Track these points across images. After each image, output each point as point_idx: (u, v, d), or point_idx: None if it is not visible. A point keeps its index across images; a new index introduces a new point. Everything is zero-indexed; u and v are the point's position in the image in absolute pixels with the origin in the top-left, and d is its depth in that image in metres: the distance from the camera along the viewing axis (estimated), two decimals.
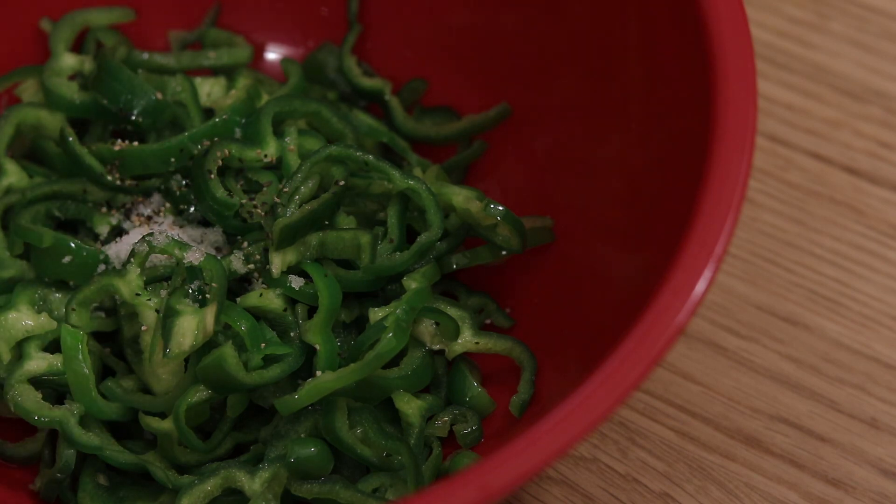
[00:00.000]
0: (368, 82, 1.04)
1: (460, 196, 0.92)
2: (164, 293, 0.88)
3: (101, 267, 0.91)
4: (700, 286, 0.73)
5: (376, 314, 0.90)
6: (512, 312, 0.96)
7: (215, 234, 0.93)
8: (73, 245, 0.91)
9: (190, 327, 0.86)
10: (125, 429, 0.91)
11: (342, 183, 0.91)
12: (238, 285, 0.92)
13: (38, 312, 0.90)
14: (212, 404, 0.89)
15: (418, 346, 0.91)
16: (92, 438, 0.86)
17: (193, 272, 0.88)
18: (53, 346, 0.90)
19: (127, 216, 0.94)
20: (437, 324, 0.91)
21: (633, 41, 0.92)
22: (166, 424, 0.86)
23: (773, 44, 1.17)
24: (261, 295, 0.89)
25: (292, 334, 0.89)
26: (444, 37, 1.04)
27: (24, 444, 0.91)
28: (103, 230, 0.94)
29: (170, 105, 0.98)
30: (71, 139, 0.95)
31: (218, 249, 0.93)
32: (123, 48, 1.01)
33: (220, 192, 0.91)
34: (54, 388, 0.89)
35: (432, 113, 1.04)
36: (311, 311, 0.90)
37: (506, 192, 1.00)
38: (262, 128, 0.94)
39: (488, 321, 0.96)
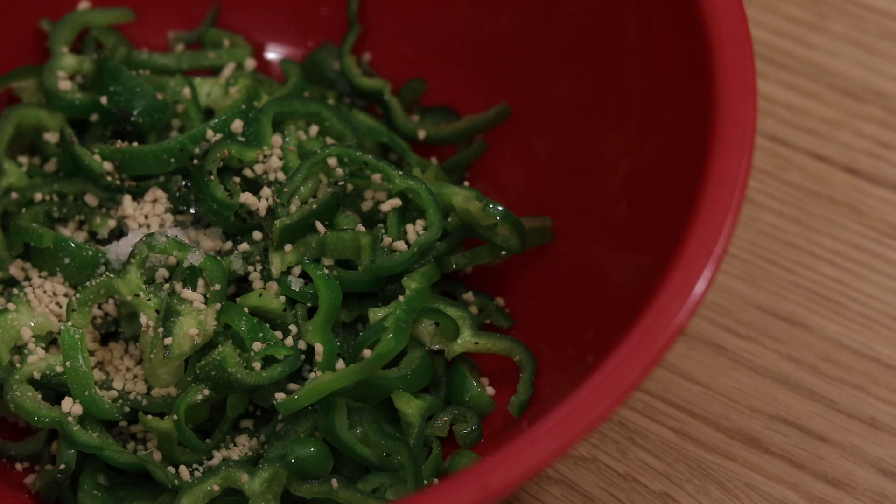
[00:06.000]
0: (368, 82, 1.04)
1: (460, 196, 0.93)
2: (164, 293, 0.88)
3: (101, 268, 0.91)
4: (700, 286, 0.73)
5: (376, 314, 0.90)
6: (512, 312, 0.96)
7: (215, 235, 0.93)
8: (73, 245, 0.91)
9: (190, 327, 0.86)
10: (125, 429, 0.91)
11: (342, 183, 0.91)
12: (238, 285, 0.92)
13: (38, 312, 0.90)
14: (212, 404, 0.89)
15: (418, 346, 0.91)
16: (92, 438, 0.86)
17: (194, 273, 0.88)
18: (53, 346, 0.90)
19: (127, 217, 0.94)
20: (436, 324, 0.91)
21: (633, 41, 0.92)
22: (166, 424, 0.86)
23: (773, 44, 1.17)
24: (261, 295, 0.89)
25: (292, 334, 0.89)
26: (444, 37, 1.04)
27: (25, 443, 0.91)
28: (103, 230, 0.94)
29: (170, 105, 0.98)
30: (72, 140, 0.95)
31: (218, 250, 0.93)
32: (123, 48, 1.01)
33: (220, 193, 0.91)
34: (54, 388, 0.89)
35: (432, 113, 1.04)
36: (311, 311, 0.90)
37: (505, 191, 1.00)
38: (262, 128, 0.94)
39: (488, 321, 0.96)
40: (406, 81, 1.05)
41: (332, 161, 0.91)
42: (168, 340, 0.86)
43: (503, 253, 0.94)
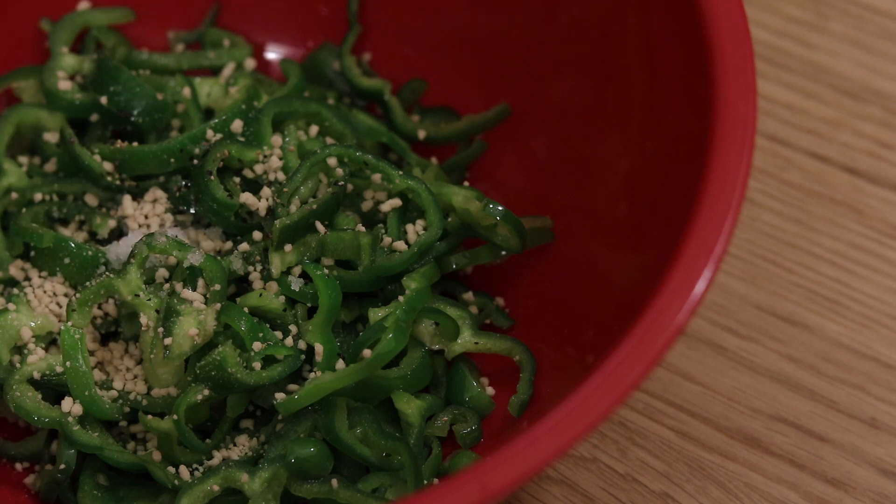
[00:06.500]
0: (368, 82, 1.04)
1: (460, 196, 0.93)
2: (164, 293, 0.88)
3: (101, 268, 0.91)
4: (700, 286, 0.73)
5: (376, 314, 0.90)
6: (512, 312, 0.96)
7: (215, 235, 0.93)
8: (73, 245, 0.91)
9: (190, 327, 0.86)
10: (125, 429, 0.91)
11: (342, 183, 0.91)
12: (238, 285, 0.92)
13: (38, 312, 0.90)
14: (212, 404, 0.89)
15: (418, 346, 0.91)
16: (92, 438, 0.86)
17: (194, 273, 0.88)
18: (53, 346, 0.90)
19: (126, 217, 0.94)
20: (436, 324, 0.91)
21: (633, 41, 0.92)
22: (166, 424, 0.86)
23: (773, 44, 1.17)
24: (261, 295, 0.89)
25: (292, 334, 0.89)
26: (444, 37, 1.04)
27: (25, 443, 0.91)
28: (103, 231, 0.94)
29: (170, 105, 0.98)
30: (72, 140, 0.95)
31: (218, 250, 0.93)
32: (123, 48, 1.01)
33: (220, 193, 0.91)
34: (54, 388, 0.89)
35: (432, 113, 1.04)
36: (311, 311, 0.90)
37: (506, 192, 1.00)
38: (262, 128, 0.94)
39: (488, 321, 0.96)
40: (406, 81, 1.05)
41: (332, 161, 0.91)
42: (168, 340, 0.86)
43: (503, 253, 0.94)
